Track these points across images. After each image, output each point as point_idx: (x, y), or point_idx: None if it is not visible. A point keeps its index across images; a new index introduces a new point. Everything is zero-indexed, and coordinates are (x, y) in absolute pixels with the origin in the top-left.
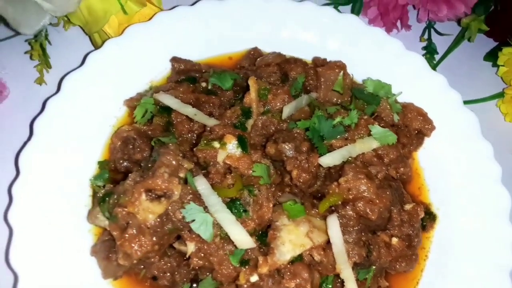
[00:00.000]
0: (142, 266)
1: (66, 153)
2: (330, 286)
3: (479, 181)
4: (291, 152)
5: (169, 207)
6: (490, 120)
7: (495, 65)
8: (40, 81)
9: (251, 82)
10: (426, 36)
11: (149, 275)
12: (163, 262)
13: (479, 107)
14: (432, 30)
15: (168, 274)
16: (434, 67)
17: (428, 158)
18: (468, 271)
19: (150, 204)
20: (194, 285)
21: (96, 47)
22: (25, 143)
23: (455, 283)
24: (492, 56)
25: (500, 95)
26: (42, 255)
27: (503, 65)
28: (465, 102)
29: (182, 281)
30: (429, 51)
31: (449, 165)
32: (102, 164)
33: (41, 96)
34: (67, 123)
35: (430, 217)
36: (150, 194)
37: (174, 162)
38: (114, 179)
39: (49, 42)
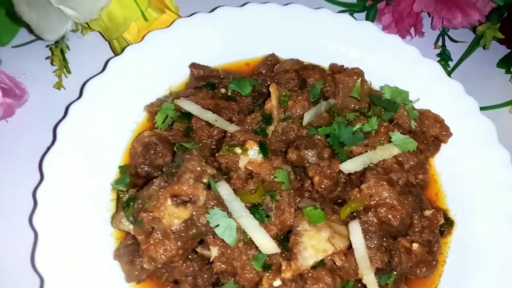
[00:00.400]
0: (165, 270)
1: (88, 158)
2: None
3: (496, 187)
4: (313, 158)
5: (194, 212)
6: (503, 127)
7: (508, 72)
8: (59, 85)
9: (272, 89)
10: (440, 43)
11: (171, 279)
12: (185, 266)
13: (492, 113)
14: (445, 37)
15: (190, 278)
16: (448, 74)
17: (445, 164)
18: (486, 277)
19: (175, 209)
20: None
21: (115, 53)
22: (48, 148)
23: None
24: (505, 63)
25: None
26: (66, 258)
27: None
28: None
29: (204, 285)
30: (443, 58)
31: (466, 172)
32: (122, 169)
33: (60, 101)
34: (89, 128)
35: (447, 223)
36: (175, 199)
37: (198, 168)
38: (134, 184)
39: (68, 48)
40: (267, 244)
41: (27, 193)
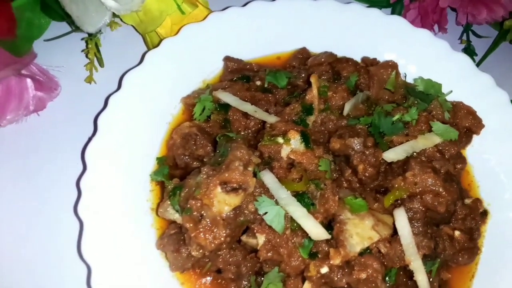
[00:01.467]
0: (208, 260)
1: (127, 149)
2: (393, 278)
3: None
4: (359, 146)
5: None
6: None
7: None
8: (89, 80)
9: (313, 79)
10: (464, 38)
11: (213, 268)
12: (229, 255)
13: None
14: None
15: (233, 267)
16: None
17: (477, 156)
18: None
19: (226, 196)
20: (259, 277)
21: (148, 47)
22: (89, 139)
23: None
24: None
25: None
26: (110, 247)
27: None
28: None
29: (247, 274)
30: (468, 53)
31: (498, 162)
32: (160, 160)
33: (90, 95)
34: (128, 119)
35: (482, 213)
36: (225, 186)
37: (246, 156)
38: (172, 175)
39: (100, 44)
40: (317, 231)
41: (66, 184)
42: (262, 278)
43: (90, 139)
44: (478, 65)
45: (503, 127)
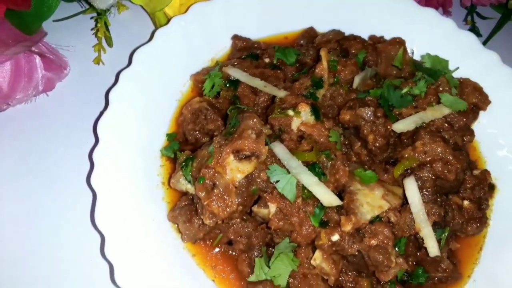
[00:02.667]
0: (219, 231)
1: (137, 124)
2: (403, 248)
3: None
4: (370, 116)
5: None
6: None
7: None
8: (97, 60)
9: (323, 52)
10: (469, 19)
11: (225, 240)
12: (240, 226)
13: None
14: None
15: (244, 238)
16: None
17: (484, 132)
18: None
19: (239, 164)
20: (270, 249)
21: (156, 27)
22: (101, 113)
23: None
24: None
25: None
26: (123, 217)
27: None
28: None
29: (258, 245)
30: (474, 34)
31: (504, 138)
32: (170, 137)
33: (99, 75)
34: (138, 95)
35: (489, 188)
36: (238, 154)
37: (258, 125)
38: (182, 150)
39: (109, 24)
40: (329, 197)
41: (76, 159)
42: (273, 250)
43: (101, 113)
44: (484, 44)
45: (509, 103)
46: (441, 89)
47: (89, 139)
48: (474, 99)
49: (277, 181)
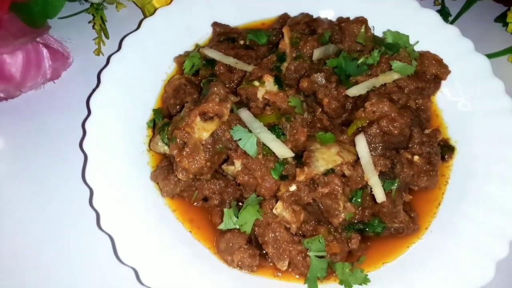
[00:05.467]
0: (195, 188)
1: (126, 100)
2: (359, 199)
3: (493, 113)
4: (322, 80)
5: (219, 129)
6: (502, 76)
7: (505, 25)
8: (98, 52)
9: (285, 30)
10: (439, 0)
11: (200, 196)
12: (212, 182)
13: (492, 62)
14: None
15: (217, 194)
16: None
17: (446, 101)
18: (486, 188)
19: (204, 123)
20: (240, 203)
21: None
22: (93, 90)
23: (475, 200)
24: (502, 18)
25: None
26: (110, 175)
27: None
28: None
29: (229, 200)
30: (443, 14)
31: (465, 104)
32: (156, 111)
33: (99, 65)
34: (127, 75)
35: (449, 149)
36: (203, 116)
37: (223, 91)
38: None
39: (106, 19)
40: (283, 150)
41: (81, 133)
42: (243, 204)
43: (93, 90)
44: (452, 23)
45: (468, 71)
46: (402, 62)
47: None
48: (434, 70)
49: (240, 139)
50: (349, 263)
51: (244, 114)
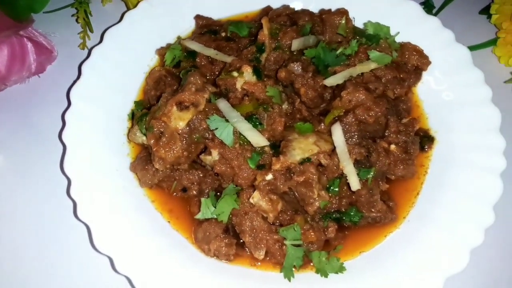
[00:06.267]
0: (174, 179)
1: (108, 92)
2: (336, 188)
3: (472, 102)
4: (298, 69)
5: (196, 118)
6: (486, 67)
7: (489, 17)
8: (83, 46)
9: (264, 21)
10: None
11: (179, 187)
12: (191, 173)
13: (476, 54)
14: None
15: (196, 184)
16: None
17: (427, 91)
18: (464, 176)
19: (180, 113)
20: (218, 193)
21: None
22: (74, 82)
23: (453, 189)
24: (487, 10)
25: (495, 41)
26: (89, 166)
27: (495, 13)
28: None
29: (208, 190)
30: (427, 6)
31: (445, 94)
32: (137, 103)
33: (83, 59)
34: (109, 67)
35: (428, 139)
36: (180, 105)
37: (199, 81)
38: None
39: (90, 14)
40: (257, 139)
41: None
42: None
43: (74, 82)
44: (435, 15)
45: (449, 61)
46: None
47: None
48: (415, 60)
49: (216, 129)
50: (326, 252)
51: (222, 104)
